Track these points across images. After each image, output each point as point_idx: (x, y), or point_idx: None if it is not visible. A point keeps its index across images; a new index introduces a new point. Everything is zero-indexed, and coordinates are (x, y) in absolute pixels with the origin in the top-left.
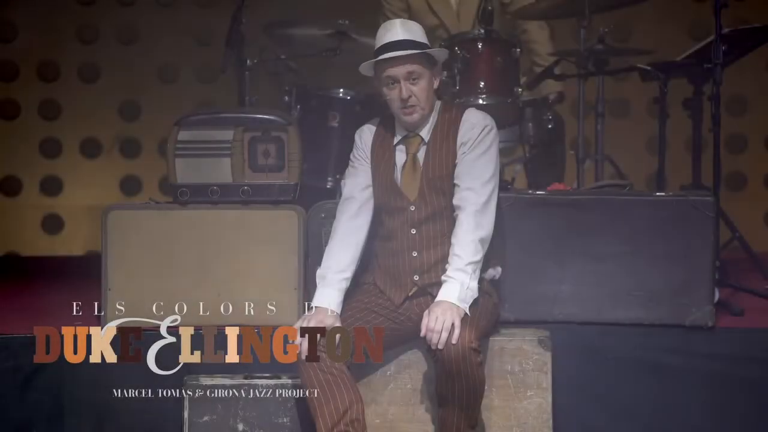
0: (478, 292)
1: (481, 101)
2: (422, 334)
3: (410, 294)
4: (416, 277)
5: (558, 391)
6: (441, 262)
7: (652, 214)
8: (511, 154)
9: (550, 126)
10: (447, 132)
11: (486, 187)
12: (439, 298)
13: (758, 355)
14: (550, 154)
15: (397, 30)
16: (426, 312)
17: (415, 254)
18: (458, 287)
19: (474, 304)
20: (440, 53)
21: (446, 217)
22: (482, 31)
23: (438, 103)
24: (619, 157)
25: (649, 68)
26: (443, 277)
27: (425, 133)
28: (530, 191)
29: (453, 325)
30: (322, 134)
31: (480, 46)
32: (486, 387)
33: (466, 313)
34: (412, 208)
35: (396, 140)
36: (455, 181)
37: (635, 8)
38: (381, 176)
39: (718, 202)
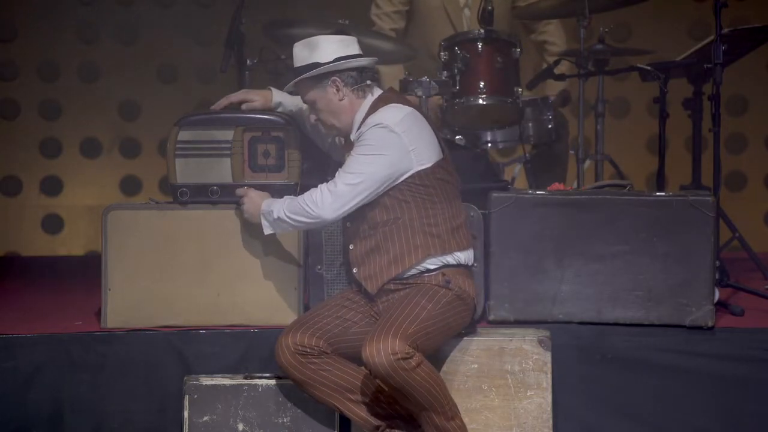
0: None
1: (481, 101)
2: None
3: (363, 288)
4: (354, 270)
5: (558, 391)
6: (371, 254)
7: (652, 214)
8: (511, 154)
9: (550, 126)
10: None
11: (348, 177)
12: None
13: (758, 355)
14: (550, 154)
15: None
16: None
17: (351, 247)
18: (278, 202)
19: (407, 303)
20: (309, 77)
21: (371, 209)
22: (482, 31)
23: (370, 100)
24: (619, 157)
25: (649, 68)
26: None
27: (353, 134)
28: (530, 191)
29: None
30: None
31: (480, 46)
32: (486, 387)
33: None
34: None
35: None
36: None
37: (635, 8)
38: None
39: (718, 202)
